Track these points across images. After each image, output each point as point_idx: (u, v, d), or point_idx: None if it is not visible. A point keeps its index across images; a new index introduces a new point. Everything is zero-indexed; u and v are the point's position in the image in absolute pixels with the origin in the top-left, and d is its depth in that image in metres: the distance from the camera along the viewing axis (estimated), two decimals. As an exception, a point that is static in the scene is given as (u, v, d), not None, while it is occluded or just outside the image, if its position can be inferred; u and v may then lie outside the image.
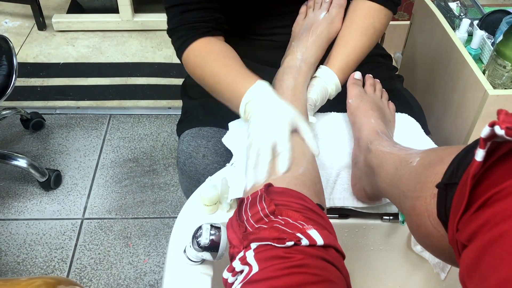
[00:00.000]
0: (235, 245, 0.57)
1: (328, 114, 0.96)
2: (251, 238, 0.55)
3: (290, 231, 0.54)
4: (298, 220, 0.56)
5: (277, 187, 0.62)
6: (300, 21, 0.94)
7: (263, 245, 0.53)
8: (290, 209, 0.58)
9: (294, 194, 0.62)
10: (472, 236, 0.39)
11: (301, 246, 0.53)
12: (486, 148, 0.39)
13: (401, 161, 0.62)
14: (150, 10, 2.30)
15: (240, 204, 0.62)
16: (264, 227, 0.55)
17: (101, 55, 2.15)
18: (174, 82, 2.01)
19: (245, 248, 0.55)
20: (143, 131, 1.81)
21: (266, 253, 0.52)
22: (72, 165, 1.68)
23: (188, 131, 0.95)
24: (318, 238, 0.54)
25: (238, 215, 0.61)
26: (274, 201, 0.58)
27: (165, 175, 1.65)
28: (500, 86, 1.02)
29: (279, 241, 0.52)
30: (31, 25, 2.31)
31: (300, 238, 0.53)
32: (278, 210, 0.57)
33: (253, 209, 0.59)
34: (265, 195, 0.59)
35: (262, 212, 0.58)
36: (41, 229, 1.49)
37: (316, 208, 0.61)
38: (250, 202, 0.61)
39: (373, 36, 0.90)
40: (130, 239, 1.47)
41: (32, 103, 1.90)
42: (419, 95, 1.30)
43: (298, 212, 0.57)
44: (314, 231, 0.54)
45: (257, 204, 0.59)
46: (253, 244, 0.54)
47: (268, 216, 0.57)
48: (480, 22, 1.18)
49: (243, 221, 0.59)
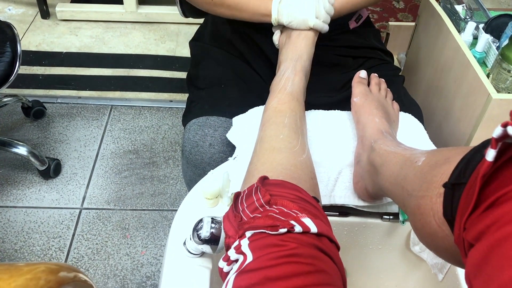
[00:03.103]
0: (230, 236, 0.58)
1: (332, 112, 0.96)
2: (245, 227, 0.55)
3: (284, 219, 0.54)
4: (292, 209, 0.56)
5: (272, 179, 0.63)
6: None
7: (258, 233, 0.54)
8: (285, 199, 0.58)
9: (289, 186, 0.62)
10: (479, 236, 0.39)
11: (294, 234, 0.53)
12: (497, 148, 0.39)
13: (405, 161, 0.63)
14: (154, 2, 2.29)
15: (236, 197, 0.63)
16: (258, 216, 0.56)
17: (104, 46, 2.14)
18: (176, 75, 2.00)
19: (240, 237, 0.55)
20: (144, 123, 1.81)
21: (261, 241, 0.53)
22: (72, 154, 1.68)
23: (195, 120, 0.95)
24: (312, 225, 0.54)
25: (234, 207, 0.62)
26: (270, 192, 0.59)
27: (165, 168, 1.65)
28: (504, 90, 1.02)
29: (272, 228, 0.53)
30: (34, 13, 2.30)
31: (293, 225, 0.53)
32: (273, 200, 0.58)
33: (249, 200, 0.60)
34: (260, 186, 0.60)
35: (257, 202, 0.58)
36: (39, 217, 1.49)
37: (312, 200, 0.61)
38: (246, 194, 0.61)
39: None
40: (128, 230, 1.47)
41: (34, 91, 1.90)
42: (422, 96, 1.30)
43: (293, 202, 0.58)
44: (308, 219, 0.55)
45: (252, 195, 0.60)
46: (248, 233, 0.55)
47: (263, 206, 0.58)
48: (485, 25, 1.18)
49: (239, 211, 0.59)
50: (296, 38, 0.89)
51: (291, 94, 0.81)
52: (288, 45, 0.89)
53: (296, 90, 0.82)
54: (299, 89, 0.83)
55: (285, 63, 0.87)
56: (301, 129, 0.77)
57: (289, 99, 0.80)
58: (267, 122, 0.77)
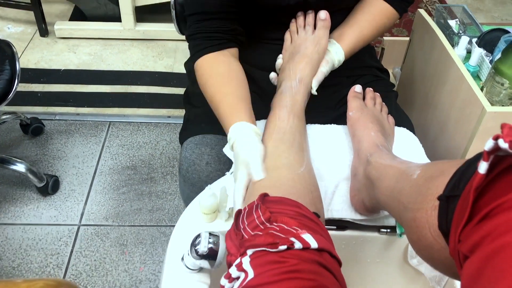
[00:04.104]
0: (232, 253, 0.58)
1: (328, 126, 0.97)
2: (247, 245, 0.56)
3: (284, 236, 0.55)
4: (292, 226, 0.57)
5: (272, 196, 0.64)
6: (287, 46, 0.96)
7: (259, 251, 0.55)
8: (285, 216, 0.59)
9: (289, 202, 0.63)
10: (474, 247, 0.39)
11: (295, 250, 0.54)
12: (489, 161, 0.40)
13: (401, 174, 0.63)
14: (152, 20, 2.31)
15: (237, 215, 0.64)
16: (259, 234, 0.57)
17: (102, 63, 2.16)
18: (174, 91, 2.02)
19: (241, 255, 0.56)
20: (142, 139, 1.82)
21: (261, 258, 0.53)
22: (70, 171, 1.68)
23: (192, 138, 0.96)
24: (312, 241, 0.55)
25: (235, 225, 0.62)
26: (270, 209, 0.60)
27: (163, 184, 1.66)
28: (497, 103, 1.03)
29: (272, 245, 0.54)
30: (33, 31, 2.32)
31: (293, 242, 0.54)
32: (274, 217, 0.58)
33: (250, 218, 0.61)
34: (260, 204, 0.61)
35: (257, 220, 0.59)
36: (37, 234, 1.48)
37: (312, 216, 0.62)
38: (247, 212, 0.62)
39: (381, 32, 1.00)
40: (126, 246, 1.46)
41: (32, 109, 1.90)
42: (417, 110, 1.31)
43: (293, 219, 0.58)
44: (308, 235, 0.55)
45: (253, 213, 0.61)
46: (249, 251, 0.55)
47: (264, 223, 0.58)
48: (478, 40, 1.20)
49: (240, 229, 0.60)
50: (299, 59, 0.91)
51: (291, 111, 0.82)
52: (291, 65, 0.91)
53: (297, 107, 0.84)
54: (300, 106, 0.84)
55: (286, 82, 0.88)
56: (300, 143, 0.78)
57: (289, 116, 0.81)
58: (266, 139, 0.78)
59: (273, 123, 0.81)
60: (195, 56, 0.90)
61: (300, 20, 0.94)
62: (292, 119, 0.81)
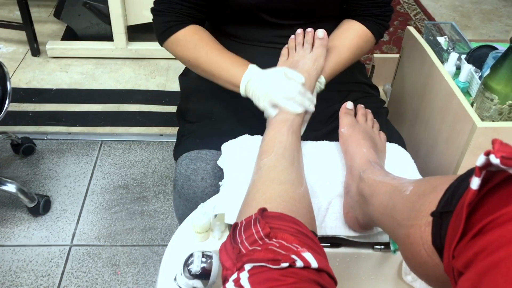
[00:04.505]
0: (228, 268, 0.57)
1: (321, 143, 0.97)
2: (245, 260, 0.55)
3: (285, 253, 0.54)
4: (293, 243, 0.56)
5: (272, 211, 0.63)
6: (283, 62, 0.96)
7: (258, 266, 0.54)
8: (285, 232, 0.58)
9: (289, 219, 0.62)
10: (468, 263, 0.39)
11: (295, 268, 0.53)
12: (481, 176, 0.40)
13: (394, 190, 0.63)
14: (144, 39, 2.33)
15: (234, 227, 0.62)
16: (258, 249, 0.56)
17: (94, 82, 2.16)
18: (166, 110, 2.02)
19: (238, 269, 0.55)
20: (134, 158, 1.81)
21: (261, 275, 0.52)
22: (62, 190, 1.67)
23: (187, 153, 0.96)
24: (313, 261, 0.54)
25: (232, 237, 0.61)
26: (269, 224, 0.59)
27: (155, 202, 1.64)
28: (488, 118, 1.04)
29: (274, 262, 0.53)
30: (25, 51, 2.32)
31: (295, 260, 0.53)
32: (273, 233, 0.58)
33: (248, 232, 0.59)
34: (260, 218, 0.60)
35: (256, 235, 0.58)
36: (27, 255, 1.46)
37: (311, 234, 0.61)
38: (244, 225, 0.61)
39: (359, 56, 1.03)
40: (119, 266, 1.45)
41: (23, 128, 1.90)
42: (408, 126, 1.32)
43: (293, 236, 0.57)
44: (309, 254, 0.55)
45: (251, 227, 0.60)
46: (247, 266, 0.54)
47: (263, 239, 0.57)
48: (467, 56, 1.22)
49: (237, 243, 0.59)
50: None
51: (291, 127, 0.82)
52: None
53: (296, 124, 0.84)
54: (298, 122, 0.84)
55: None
56: (299, 162, 0.78)
57: (289, 131, 0.81)
58: (266, 153, 0.77)
59: (273, 136, 0.81)
60: (171, 30, 0.95)
61: (300, 37, 0.95)
62: (291, 135, 0.81)
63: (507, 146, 0.39)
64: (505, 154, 0.37)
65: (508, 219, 0.37)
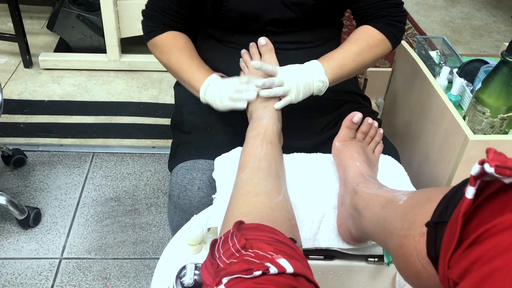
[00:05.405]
0: (208, 284, 0.57)
1: (314, 155, 0.97)
2: (222, 274, 0.55)
3: (259, 261, 0.54)
4: (268, 251, 0.56)
5: (248, 223, 0.63)
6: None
7: (234, 278, 0.54)
8: (261, 242, 0.58)
9: (265, 228, 0.62)
10: (464, 273, 0.39)
11: (270, 275, 0.53)
12: (476, 185, 0.40)
13: (387, 202, 0.63)
14: (137, 51, 2.33)
15: (213, 244, 0.63)
16: (234, 261, 0.56)
17: (87, 94, 2.15)
18: (159, 122, 2.01)
19: (216, 284, 0.55)
20: (126, 170, 1.80)
21: (236, 286, 0.53)
22: (53, 203, 1.65)
23: (182, 164, 0.95)
24: (288, 266, 0.54)
25: (211, 254, 0.61)
26: (245, 236, 0.59)
27: (147, 215, 1.63)
28: (480, 131, 1.05)
29: (247, 272, 0.53)
30: (17, 63, 2.31)
31: (268, 267, 0.53)
32: (249, 243, 0.58)
33: (225, 246, 0.60)
34: (236, 231, 0.60)
35: (233, 248, 0.58)
36: (16, 268, 1.44)
37: (288, 241, 0.61)
38: (222, 241, 0.61)
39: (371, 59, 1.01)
40: (109, 280, 1.43)
41: (15, 140, 1.88)
42: (401, 139, 1.33)
43: (268, 245, 0.58)
44: (284, 259, 0.55)
45: (228, 241, 0.60)
46: (224, 279, 0.55)
47: (239, 251, 0.58)
48: (459, 70, 1.23)
49: (216, 259, 0.59)
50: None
51: (265, 138, 0.82)
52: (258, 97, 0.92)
53: (270, 134, 0.84)
54: (272, 132, 0.85)
55: (257, 111, 0.89)
56: (276, 172, 0.78)
57: (262, 144, 0.81)
58: (242, 168, 0.78)
59: (247, 152, 0.82)
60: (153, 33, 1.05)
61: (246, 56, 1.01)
62: (266, 146, 0.81)
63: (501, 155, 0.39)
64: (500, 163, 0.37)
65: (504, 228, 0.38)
